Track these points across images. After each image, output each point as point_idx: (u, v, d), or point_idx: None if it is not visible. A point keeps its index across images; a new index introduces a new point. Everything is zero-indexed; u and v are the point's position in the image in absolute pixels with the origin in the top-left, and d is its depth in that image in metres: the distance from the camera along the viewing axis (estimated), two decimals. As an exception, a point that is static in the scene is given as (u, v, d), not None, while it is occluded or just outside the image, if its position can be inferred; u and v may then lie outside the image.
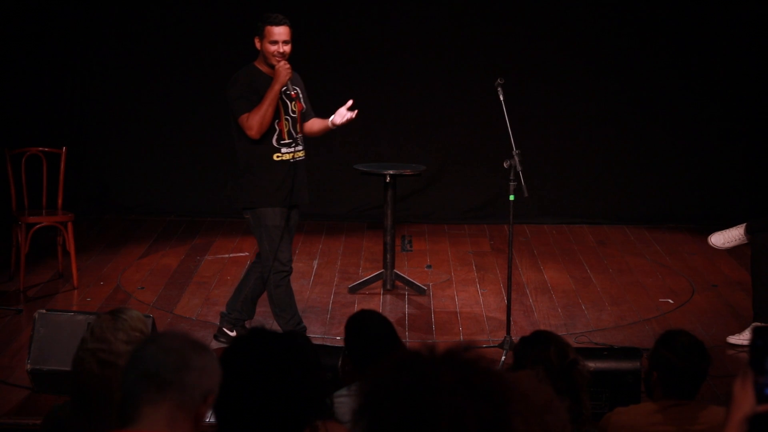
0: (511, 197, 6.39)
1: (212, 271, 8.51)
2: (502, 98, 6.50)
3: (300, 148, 6.45)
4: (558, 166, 10.24)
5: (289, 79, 6.29)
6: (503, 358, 6.32)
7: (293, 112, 6.42)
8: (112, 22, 10.11)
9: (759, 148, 10.14)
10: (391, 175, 7.75)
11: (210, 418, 2.42)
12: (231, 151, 10.18)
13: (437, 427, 1.72)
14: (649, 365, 4.04)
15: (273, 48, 6.32)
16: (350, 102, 6.53)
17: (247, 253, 9.01)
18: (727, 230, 6.93)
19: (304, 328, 6.57)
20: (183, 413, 2.33)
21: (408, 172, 7.92)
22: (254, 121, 6.25)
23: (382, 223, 7.92)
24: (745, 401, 2.22)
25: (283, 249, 6.42)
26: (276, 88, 6.25)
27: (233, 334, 6.64)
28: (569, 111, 10.24)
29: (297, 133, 6.43)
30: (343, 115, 6.51)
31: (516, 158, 6.33)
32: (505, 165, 6.37)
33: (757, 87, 10.09)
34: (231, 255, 8.98)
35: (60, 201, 7.95)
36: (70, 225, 7.82)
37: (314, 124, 6.63)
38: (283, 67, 6.26)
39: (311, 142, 6.82)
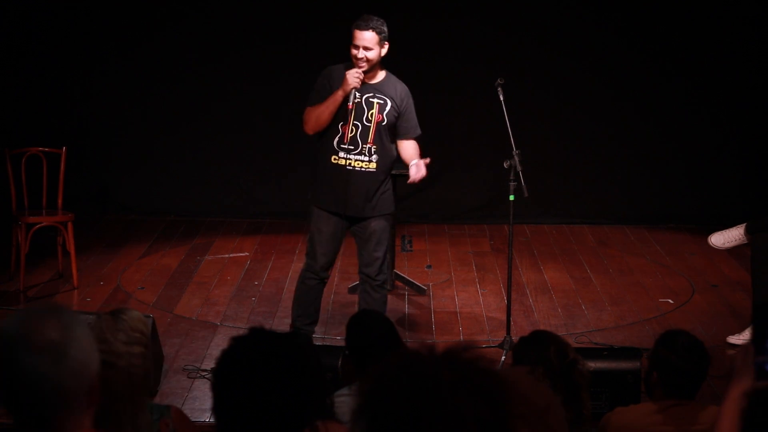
0: (511, 197, 6.39)
1: (212, 271, 8.51)
2: (502, 98, 6.50)
3: (364, 158, 6.18)
4: (558, 167, 10.23)
5: (355, 88, 6.09)
6: (503, 358, 6.32)
7: (368, 120, 6.16)
8: (113, 22, 10.10)
9: (758, 149, 10.14)
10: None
11: (209, 418, 2.41)
12: (232, 151, 10.28)
13: (437, 427, 1.72)
14: (649, 365, 4.05)
15: (354, 52, 6.13)
16: (428, 160, 6.25)
17: (246, 253, 9.01)
18: (727, 230, 6.93)
19: (310, 331, 6.50)
20: (85, 396, 2.28)
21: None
22: (308, 117, 6.19)
23: (382, 223, 7.91)
24: (744, 377, 2.24)
25: (321, 254, 6.30)
26: (338, 94, 6.08)
27: None
28: (569, 111, 10.24)
29: (365, 143, 6.17)
30: (418, 169, 6.19)
31: (516, 158, 6.33)
32: (505, 165, 6.37)
33: (756, 87, 10.08)
34: (231, 255, 8.97)
35: (60, 201, 7.95)
36: (70, 225, 7.83)
37: (409, 151, 6.30)
38: (351, 75, 6.07)
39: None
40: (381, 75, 6.28)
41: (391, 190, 6.40)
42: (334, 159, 6.20)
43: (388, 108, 6.21)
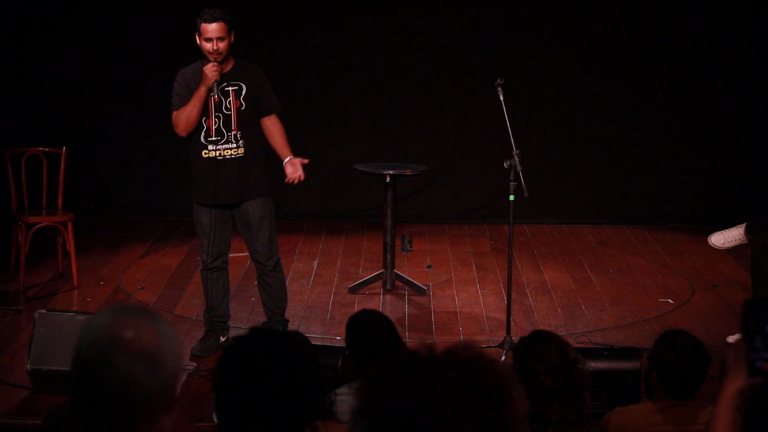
0: (511, 197, 6.39)
1: (212, 271, 8.50)
2: (502, 98, 6.50)
3: (232, 146, 6.41)
4: (558, 166, 10.24)
5: (216, 81, 6.28)
6: (503, 358, 6.32)
7: (227, 109, 6.37)
8: (112, 22, 10.11)
9: (759, 148, 10.15)
10: (391, 175, 7.75)
11: (211, 418, 2.41)
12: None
13: (437, 427, 1.72)
14: (649, 365, 4.05)
15: (207, 46, 6.32)
16: (307, 160, 6.54)
17: (247, 253, 9.00)
18: (727, 230, 6.93)
19: (222, 326, 6.70)
20: (167, 405, 2.26)
21: (408, 172, 7.92)
22: (178, 120, 6.40)
23: (382, 223, 7.93)
24: (737, 375, 2.23)
25: (207, 246, 6.55)
26: (201, 90, 6.30)
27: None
28: (569, 111, 10.24)
29: (230, 131, 6.39)
30: (295, 169, 6.47)
31: (516, 158, 6.34)
32: (505, 165, 6.38)
33: (756, 87, 10.09)
34: (230, 255, 8.95)
35: (60, 201, 7.95)
36: (70, 225, 7.83)
37: (275, 138, 6.50)
38: (209, 69, 6.28)
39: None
40: (231, 63, 6.44)
41: (268, 174, 6.55)
42: (205, 153, 6.43)
43: (244, 92, 6.39)
